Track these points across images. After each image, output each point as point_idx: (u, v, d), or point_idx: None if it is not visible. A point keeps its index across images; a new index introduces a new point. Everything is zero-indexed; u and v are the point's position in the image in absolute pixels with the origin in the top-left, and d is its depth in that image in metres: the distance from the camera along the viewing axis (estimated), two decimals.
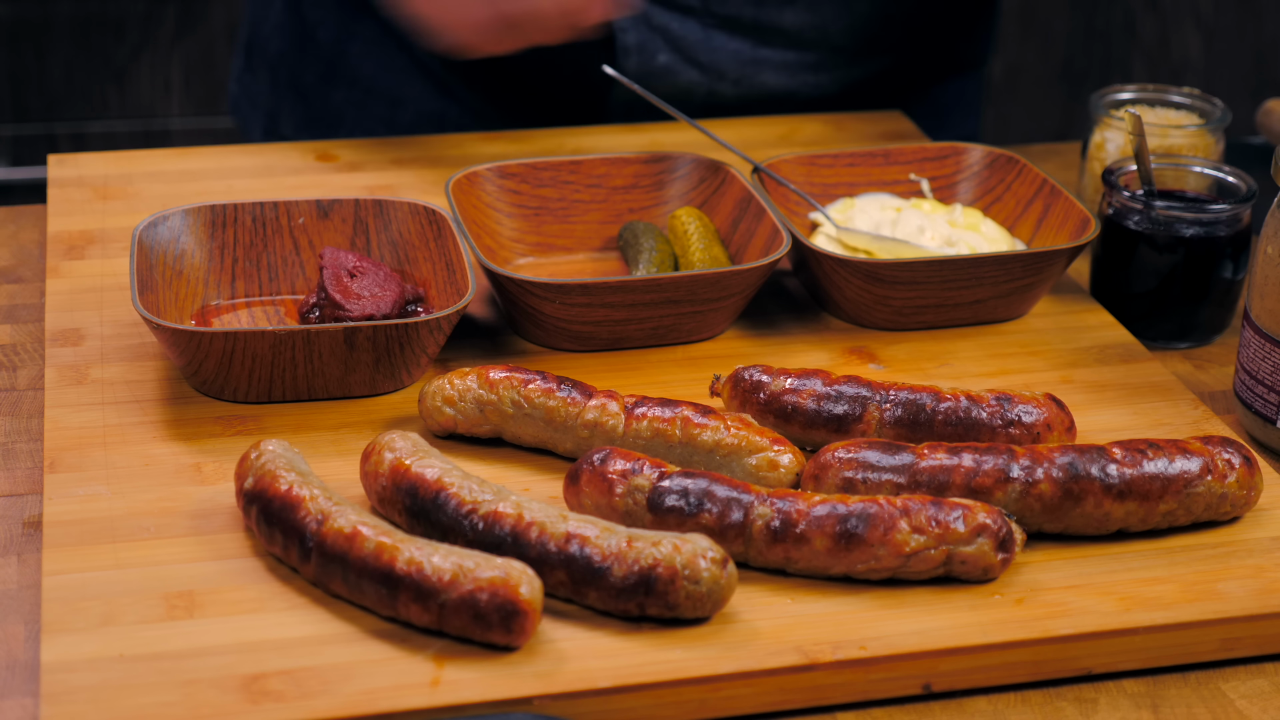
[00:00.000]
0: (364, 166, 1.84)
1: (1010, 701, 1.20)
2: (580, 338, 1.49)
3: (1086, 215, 1.58)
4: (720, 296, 1.49)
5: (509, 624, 1.15)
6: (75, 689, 1.12)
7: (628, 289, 1.47)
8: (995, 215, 1.68)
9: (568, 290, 1.46)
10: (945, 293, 1.54)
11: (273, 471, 1.25)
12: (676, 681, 1.15)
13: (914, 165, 1.72)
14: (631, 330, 1.50)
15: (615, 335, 1.50)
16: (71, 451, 1.36)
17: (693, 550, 1.18)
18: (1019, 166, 1.68)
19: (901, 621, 1.21)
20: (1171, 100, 1.78)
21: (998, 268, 1.53)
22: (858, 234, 1.60)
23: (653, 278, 1.47)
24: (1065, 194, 1.62)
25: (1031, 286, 1.56)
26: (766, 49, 1.94)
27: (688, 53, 1.93)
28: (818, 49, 1.96)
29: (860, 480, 1.28)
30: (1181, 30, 3.52)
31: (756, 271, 1.49)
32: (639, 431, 1.33)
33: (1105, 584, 1.25)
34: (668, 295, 1.47)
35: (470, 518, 1.22)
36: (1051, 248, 1.54)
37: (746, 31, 1.93)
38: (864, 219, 1.63)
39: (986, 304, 1.55)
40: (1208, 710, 1.19)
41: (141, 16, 3.29)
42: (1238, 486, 1.30)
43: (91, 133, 3.34)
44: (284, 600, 1.21)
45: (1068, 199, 1.61)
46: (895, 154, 1.71)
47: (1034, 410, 1.37)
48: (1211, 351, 1.61)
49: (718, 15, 1.92)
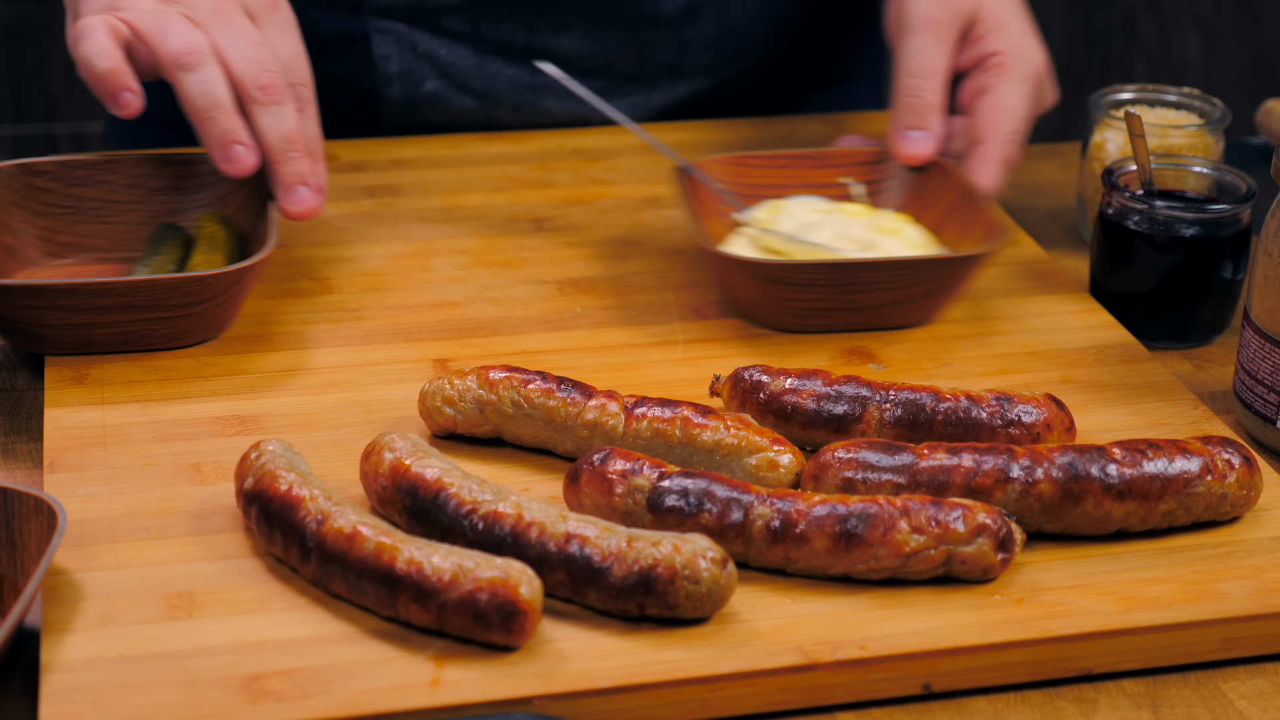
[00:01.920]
0: (364, 167, 1.85)
1: (1010, 701, 1.20)
2: (42, 340, 1.46)
3: (1001, 224, 1.55)
4: (188, 303, 1.45)
5: (509, 624, 1.15)
6: (75, 689, 1.12)
7: (80, 292, 1.43)
8: (925, 221, 1.66)
9: (14, 293, 1.42)
10: (843, 296, 1.52)
11: (273, 471, 1.25)
12: (676, 681, 1.15)
13: (848, 169, 1.70)
14: (97, 335, 1.46)
15: (81, 340, 1.46)
16: (71, 451, 1.36)
17: (693, 550, 1.18)
18: (949, 173, 1.66)
19: (901, 621, 1.21)
20: (1171, 100, 1.78)
21: (894, 273, 1.52)
22: (773, 235, 1.59)
23: (107, 281, 1.43)
24: (985, 201, 1.60)
25: (934, 293, 1.54)
26: (544, 76, 1.88)
27: (459, 79, 1.88)
28: (603, 76, 1.92)
29: (860, 480, 1.28)
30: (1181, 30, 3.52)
31: (226, 278, 1.45)
32: (639, 431, 1.33)
33: (1105, 584, 1.25)
34: (126, 300, 1.44)
35: (470, 518, 1.22)
36: (949, 254, 1.52)
37: (523, 57, 1.88)
38: (790, 221, 1.62)
39: (888, 309, 1.54)
40: (1208, 710, 1.19)
41: None
42: (1238, 486, 1.30)
43: (91, 133, 3.34)
44: (284, 600, 1.21)
45: (988, 207, 1.59)
46: (829, 157, 1.70)
47: (1034, 410, 1.37)
48: (1211, 351, 1.61)
49: (489, 40, 1.86)
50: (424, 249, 1.69)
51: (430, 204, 1.77)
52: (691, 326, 1.56)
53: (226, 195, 1.62)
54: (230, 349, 1.50)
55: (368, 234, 1.71)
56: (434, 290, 1.61)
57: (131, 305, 1.44)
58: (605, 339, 1.54)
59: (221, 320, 1.49)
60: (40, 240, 1.60)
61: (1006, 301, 1.63)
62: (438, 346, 1.52)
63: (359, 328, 1.55)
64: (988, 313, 1.61)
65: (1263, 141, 2.00)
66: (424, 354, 1.51)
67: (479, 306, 1.59)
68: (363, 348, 1.52)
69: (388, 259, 1.67)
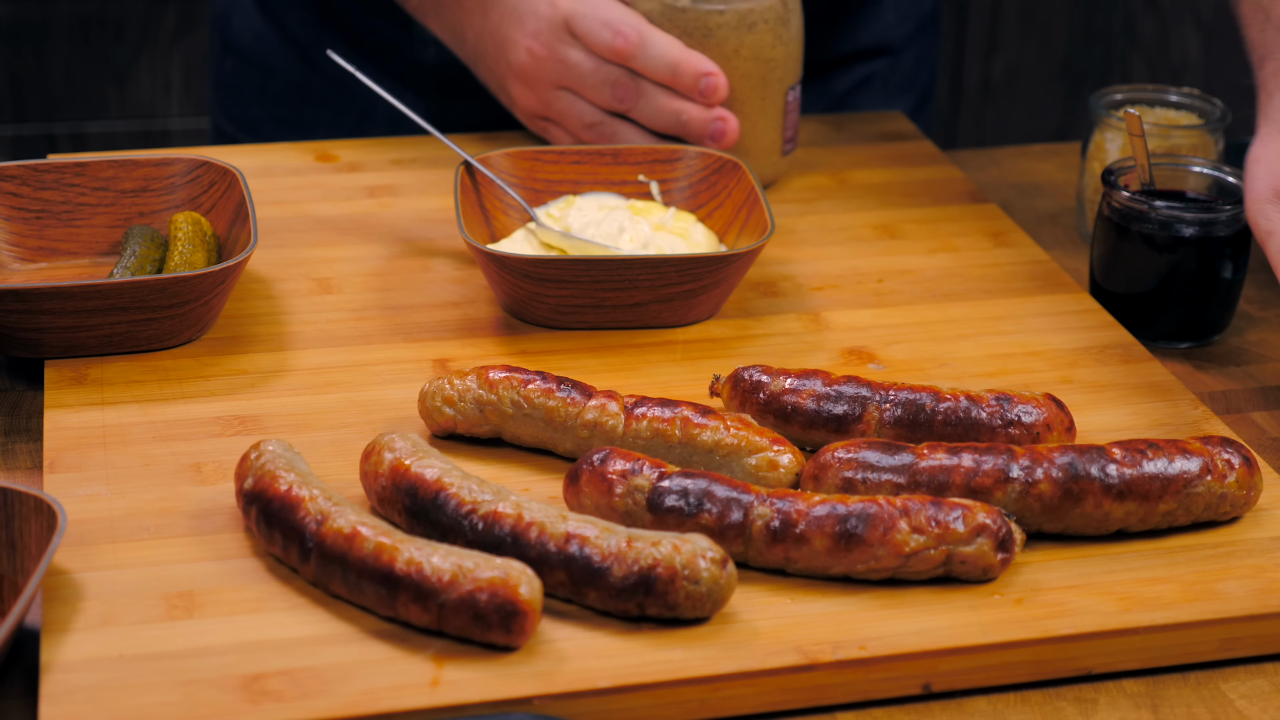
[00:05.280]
0: (364, 166, 1.84)
1: (1010, 701, 1.20)
2: (26, 344, 1.46)
3: (768, 226, 1.54)
4: (174, 304, 1.45)
5: (509, 624, 1.15)
6: (75, 689, 1.12)
7: (66, 295, 1.42)
8: (715, 220, 1.65)
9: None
10: (600, 294, 1.51)
11: (272, 472, 1.25)
12: (676, 681, 1.15)
13: (643, 166, 1.69)
14: (82, 338, 1.45)
15: (66, 343, 1.46)
16: (71, 451, 1.36)
17: (692, 550, 1.18)
18: (739, 173, 1.65)
19: (901, 621, 1.21)
20: (1171, 100, 1.78)
21: (650, 271, 1.50)
22: (549, 232, 1.59)
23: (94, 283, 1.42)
24: (762, 203, 1.59)
25: (694, 293, 1.53)
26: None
27: None
28: None
29: (860, 480, 1.28)
30: (1181, 30, 3.52)
31: (211, 278, 1.45)
32: (639, 431, 1.33)
33: (1105, 584, 1.25)
34: (112, 302, 1.44)
35: (470, 518, 1.22)
36: (700, 254, 1.51)
37: None
38: (578, 217, 1.62)
39: (647, 307, 1.53)
40: (1207, 710, 1.19)
41: (141, 16, 3.29)
42: (1237, 486, 1.30)
43: (91, 133, 3.34)
44: (284, 600, 1.21)
45: (762, 208, 1.58)
46: (624, 154, 1.69)
47: (1034, 410, 1.37)
48: (1211, 351, 1.61)
49: None
50: (424, 249, 1.69)
51: (430, 204, 1.77)
52: (692, 328, 1.56)
53: (199, 196, 1.62)
54: (230, 349, 1.50)
55: (368, 234, 1.71)
56: (434, 290, 1.61)
57: (118, 307, 1.44)
58: (605, 339, 1.54)
59: (206, 320, 1.50)
60: (10, 245, 1.60)
61: (1006, 301, 1.63)
62: (438, 346, 1.52)
63: (359, 328, 1.55)
64: (988, 313, 1.61)
65: None
66: (424, 354, 1.51)
67: (479, 306, 1.59)
68: (363, 348, 1.52)
69: (388, 259, 1.67)
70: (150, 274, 1.53)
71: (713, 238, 1.62)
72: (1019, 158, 1.99)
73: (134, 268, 1.54)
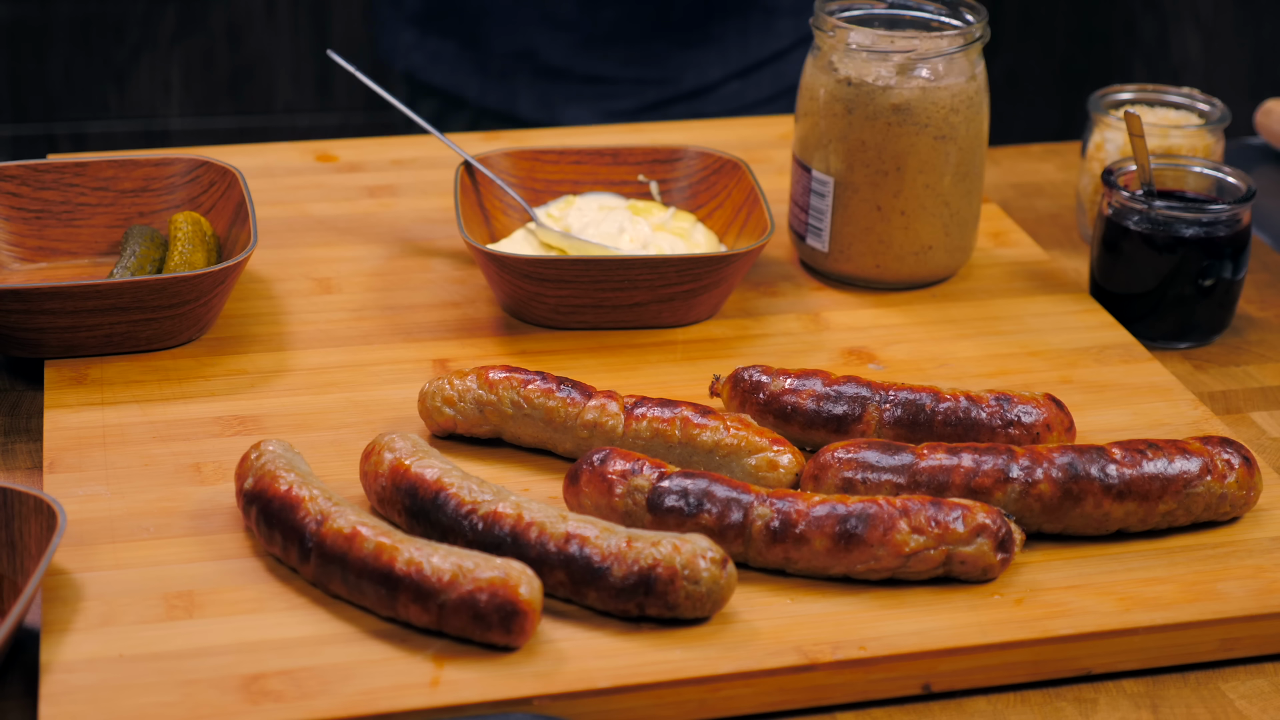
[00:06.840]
0: (364, 166, 1.85)
1: (1010, 701, 1.20)
2: (26, 345, 1.46)
3: (767, 227, 1.54)
4: (174, 304, 1.45)
5: (508, 624, 1.15)
6: (75, 689, 1.12)
7: (67, 295, 1.42)
8: (715, 220, 1.65)
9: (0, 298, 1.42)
10: (599, 294, 1.51)
11: (272, 472, 1.25)
12: (676, 681, 1.15)
13: (643, 166, 1.69)
14: (82, 338, 1.45)
15: (65, 343, 1.46)
16: (71, 451, 1.36)
17: (692, 550, 1.18)
18: (739, 173, 1.65)
19: (901, 621, 1.21)
20: (1171, 100, 1.78)
21: (650, 271, 1.50)
22: (549, 232, 1.59)
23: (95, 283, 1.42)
24: (761, 203, 1.59)
25: (694, 293, 1.53)
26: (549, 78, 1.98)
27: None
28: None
29: (860, 480, 1.28)
30: (1181, 30, 3.52)
31: (211, 278, 1.45)
32: (638, 432, 1.33)
33: (1105, 584, 1.25)
34: (113, 302, 1.44)
35: (470, 518, 1.22)
36: (700, 255, 1.51)
37: None
38: (578, 217, 1.61)
39: (647, 307, 1.53)
40: (1207, 710, 1.19)
41: (141, 16, 3.29)
42: (1237, 487, 1.30)
43: (91, 133, 3.34)
44: (284, 600, 1.21)
45: (762, 209, 1.58)
46: (624, 154, 1.69)
47: (1034, 410, 1.37)
48: (1211, 351, 1.61)
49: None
50: (424, 249, 1.69)
51: (430, 204, 1.77)
52: (692, 328, 1.56)
53: (199, 196, 1.62)
54: (230, 349, 1.50)
55: (368, 234, 1.71)
56: (434, 290, 1.61)
57: (118, 307, 1.44)
58: (605, 339, 1.54)
59: (205, 320, 1.50)
60: (10, 245, 1.60)
61: (1006, 301, 1.63)
62: (437, 347, 1.52)
63: (359, 328, 1.55)
64: (988, 313, 1.61)
65: (1263, 142, 2.00)
66: (424, 354, 1.51)
67: (479, 306, 1.59)
68: (362, 348, 1.52)
69: (387, 259, 1.67)
70: (150, 274, 1.53)
71: (712, 238, 1.62)
72: (1019, 158, 1.99)
73: (134, 268, 1.54)
